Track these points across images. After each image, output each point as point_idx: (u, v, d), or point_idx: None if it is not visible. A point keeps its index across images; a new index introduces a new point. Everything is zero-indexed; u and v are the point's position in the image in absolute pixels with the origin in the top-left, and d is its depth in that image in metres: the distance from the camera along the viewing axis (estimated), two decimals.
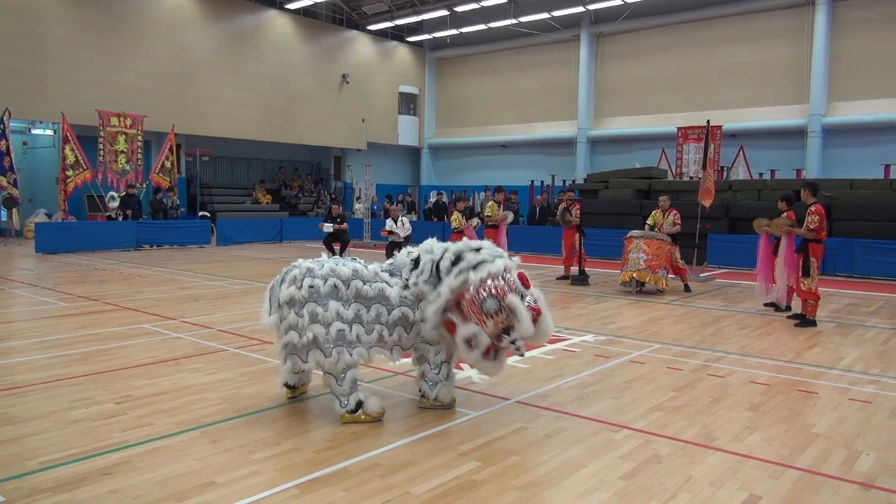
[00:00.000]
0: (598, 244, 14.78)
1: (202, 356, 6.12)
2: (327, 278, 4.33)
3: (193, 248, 17.90)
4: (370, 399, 4.39)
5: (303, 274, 4.35)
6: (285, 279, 4.41)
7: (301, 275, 4.35)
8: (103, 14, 20.25)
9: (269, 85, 24.53)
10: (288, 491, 3.37)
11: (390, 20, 27.26)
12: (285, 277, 4.42)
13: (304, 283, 4.30)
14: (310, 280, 4.31)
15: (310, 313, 4.25)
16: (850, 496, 3.43)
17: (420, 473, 3.60)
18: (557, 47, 26.58)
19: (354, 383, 4.36)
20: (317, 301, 4.27)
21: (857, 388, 5.42)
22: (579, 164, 25.50)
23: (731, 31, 22.53)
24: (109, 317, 7.96)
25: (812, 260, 7.92)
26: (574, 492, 3.42)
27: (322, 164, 29.97)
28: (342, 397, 4.32)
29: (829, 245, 12.65)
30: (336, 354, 4.25)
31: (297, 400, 4.85)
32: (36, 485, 3.40)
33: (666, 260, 10.40)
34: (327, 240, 15.51)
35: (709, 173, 12.49)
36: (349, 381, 4.32)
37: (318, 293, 4.28)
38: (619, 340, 7.06)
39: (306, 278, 4.32)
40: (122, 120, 18.31)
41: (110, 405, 4.67)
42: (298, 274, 4.37)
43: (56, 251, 15.54)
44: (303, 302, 4.26)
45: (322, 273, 4.35)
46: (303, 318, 4.25)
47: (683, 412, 4.71)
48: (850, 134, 20.61)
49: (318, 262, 4.49)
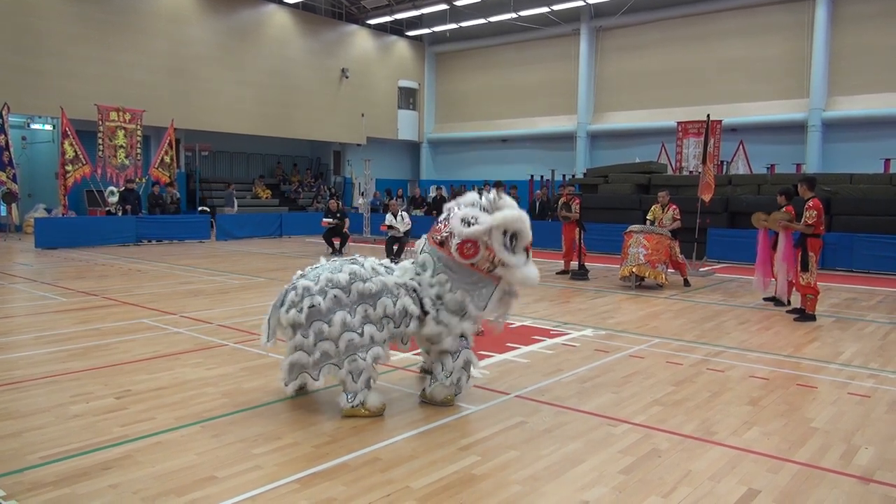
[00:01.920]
0: (598, 239, 14.77)
1: (202, 351, 6.12)
2: (326, 292, 4.28)
3: (193, 242, 17.90)
4: (371, 394, 4.38)
5: (300, 295, 4.31)
6: (284, 301, 4.39)
7: (299, 296, 4.31)
8: (102, 9, 20.20)
9: (269, 79, 24.48)
10: (288, 485, 3.38)
11: (389, 14, 27.19)
12: (284, 300, 4.40)
13: (303, 305, 4.26)
14: (309, 300, 4.26)
15: (315, 333, 4.25)
16: (848, 490, 3.44)
17: (420, 468, 3.61)
18: (557, 42, 26.52)
19: (368, 381, 4.36)
20: (320, 319, 4.25)
21: (856, 382, 5.43)
22: (579, 158, 25.47)
23: (732, 26, 22.48)
24: (109, 312, 7.96)
25: (810, 254, 7.93)
26: (574, 486, 3.42)
27: (321, 159, 29.93)
28: (351, 393, 4.33)
29: (828, 239, 12.68)
30: (348, 364, 4.26)
31: (297, 395, 4.85)
32: (36, 479, 3.40)
33: (665, 254, 10.41)
34: (327, 235, 15.52)
35: (708, 168, 12.48)
36: (364, 380, 4.32)
37: (320, 311, 4.25)
38: (618, 335, 7.07)
39: (305, 299, 4.27)
40: (121, 115, 18.27)
41: (110, 400, 4.67)
42: (295, 297, 4.33)
43: (55, 246, 15.53)
44: (307, 324, 4.26)
45: (319, 288, 4.29)
46: (308, 339, 4.26)
47: (683, 407, 4.72)
48: (850, 128, 20.59)
49: (314, 275, 4.42)
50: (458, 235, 4.38)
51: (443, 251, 4.50)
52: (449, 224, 4.48)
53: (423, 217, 19.93)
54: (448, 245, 4.46)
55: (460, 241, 4.38)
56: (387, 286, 4.42)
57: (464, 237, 4.37)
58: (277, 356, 5.91)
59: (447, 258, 4.49)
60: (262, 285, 10.27)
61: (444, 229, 4.52)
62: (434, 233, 4.63)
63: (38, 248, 15.34)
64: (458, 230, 4.38)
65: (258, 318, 7.60)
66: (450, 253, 4.45)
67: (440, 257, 4.53)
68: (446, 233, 4.49)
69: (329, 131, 26.94)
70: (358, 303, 4.31)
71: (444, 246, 4.49)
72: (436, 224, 4.68)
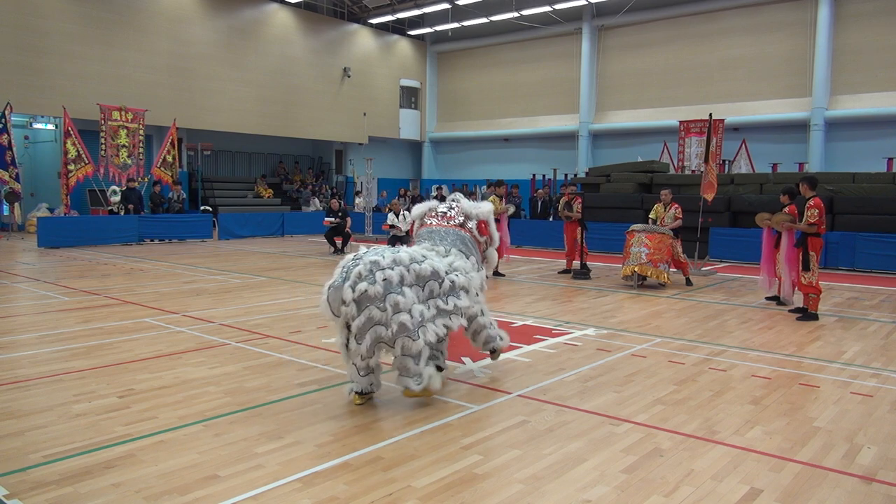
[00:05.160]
0: (600, 238, 14.77)
1: (204, 350, 6.13)
2: (393, 267, 4.45)
3: (195, 242, 17.92)
4: (435, 376, 4.58)
5: (369, 268, 4.38)
6: (348, 277, 4.39)
7: (368, 270, 4.37)
8: (104, 8, 20.22)
9: (270, 79, 24.50)
10: (290, 484, 3.38)
11: (391, 13, 27.19)
12: (348, 275, 4.40)
13: (376, 277, 4.35)
14: (381, 273, 4.37)
15: (392, 304, 4.33)
16: (851, 489, 3.43)
17: (422, 467, 3.61)
18: (559, 41, 26.50)
19: (427, 360, 4.54)
20: (394, 291, 4.37)
21: (858, 381, 5.43)
22: (581, 157, 25.45)
23: (734, 24, 22.45)
24: (112, 311, 7.97)
25: (811, 254, 7.91)
26: (576, 485, 3.42)
27: (323, 158, 29.95)
28: (417, 376, 4.45)
29: (831, 238, 12.68)
30: (422, 335, 4.41)
31: (299, 394, 4.85)
32: (39, 478, 3.41)
33: (668, 254, 10.39)
34: (329, 234, 15.53)
35: (711, 167, 12.46)
36: (425, 357, 4.49)
37: (392, 283, 4.38)
38: (620, 334, 7.06)
39: (377, 272, 4.37)
40: (123, 114, 18.29)
41: (113, 399, 4.68)
42: (364, 269, 4.37)
43: (58, 245, 15.55)
44: (381, 296, 4.32)
45: (387, 263, 4.45)
46: (386, 312, 4.32)
47: (685, 406, 4.71)
48: (852, 127, 20.55)
49: (376, 253, 4.57)
50: (477, 216, 5.31)
51: (465, 231, 5.25)
52: (461, 209, 5.32)
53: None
54: (467, 226, 5.26)
55: (478, 221, 5.31)
56: (436, 269, 4.66)
57: (482, 217, 5.34)
58: (278, 355, 5.93)
59: (469, 238, 5.24)
60: (264, 284, 10.28)
61: (455, 216, 5.28)
62: (445, 220, 5.28)
63: (41, 247, 15.37)
64: (474, 212, 5.31)
65: (261, 317, 7.63)
66: (470, 231, 5.25)
67: (461, 238, 5.20)
68: (461, 217, 5.28)
69: (331, 130, 26.95)
70: (415, 283, 4.53)
71: (465, 227, 5.26)
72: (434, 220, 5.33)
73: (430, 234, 5.23)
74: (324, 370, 5.49)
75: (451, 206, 5.38)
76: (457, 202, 5.41)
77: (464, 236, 5.22)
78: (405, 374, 4.47)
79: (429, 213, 5.44)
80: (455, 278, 4.77)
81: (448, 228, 5.24)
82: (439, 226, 5.29)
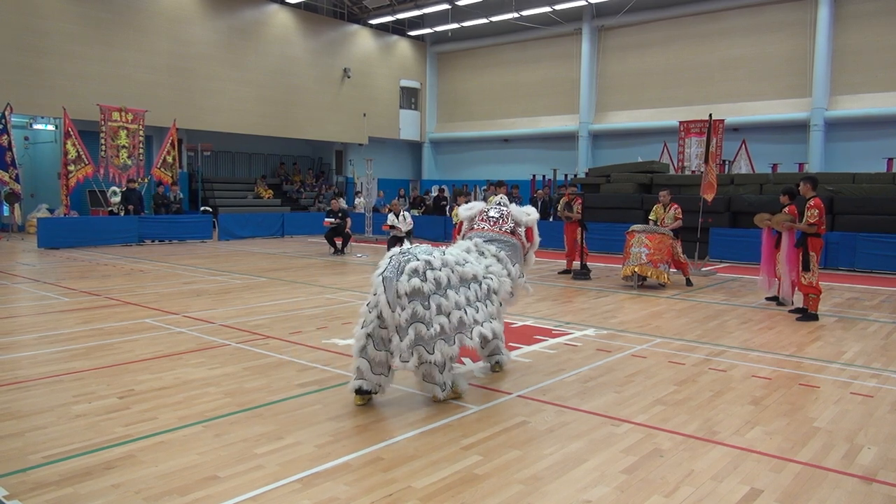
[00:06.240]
0: (600, 238, 14.77)
1: (204, 351, 6.13)
2: (443, 268, 4.52)
3: (195, 242, 17.92)
4: (460, 379, 4.66)
5: (423, 267, 4.44)
6: (403, 270, 4.41)
7: (422, 268, 4.43)
8: (104, 8, 20.23)
9: (270, 79, 24.50)
10: (290, 485, 3.38)
11: (391, 14, 27.19)
12: (403, 269, 4.42)
13: (428, 276, 4.40)
14: (432, 273, 4.43)
15: (436, 305, 4.40)
16: (851, 490, 3.43)
17: (422, 467, 3.61)
18: (559, 41, 26.50)
19: (451, 367, 4.61)
20: (440, 293, 4.43)
21: (858, 382, 5.43)
22: (581, 158, 25.45)
23: (734, 24, 22.45)
24: (112, 312, 7.97)
25: (811, 254, 7.91)
26: (576, 485, 3.42)
27: (323, 159, 29.95)
28: (442, 385, 4.53)
29: (831, 239, 12.68)
30: (458, 341, 4.48)
31: (299, 395, 4.85)
32: (39, 479, 3.41)
33: (668, 254, 10.40)
34: (329, 234, 15.53)
35: (711, 167, 12.47)
36: (449, 367, 4.55)
37: (440, 285, 4.44)
38: (620, 335, 7.06)
39: (429, 271, 4.43)
40: (123, 115, 18.29)
41: (113, 400, 4.68)
42: (419, 266, 4.43)
43: (58, 246, 15.55)
44: (428, 294, 4.38)
45: (438, 264, 4.52)
46: (430, 311, 4.37)
47: (685, 406, 4.71)
48: (852, 127, 20.55)
49: (429, 251, 4.61)
50: (526, 224, 5.52)
51: (515, 238, 5.45)
52: (512, 217, 5.51)
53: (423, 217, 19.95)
54: (517, 232, 5.46)
55: (528, 228, 5.52)
56: (474, 274, 4.79)
57: (530, 224, 5.54)
58: (278, 356, 5.93)
59: (518, 245, 5.45)
60: (264, 285, 10.28)
61: (504, 223, 5.47)
62: (496, 225, 5.47)
63: (41, 247, 15.37)
64: (525, 220, 5.52)
65: (261, 318, 7.63)
66: (520, 239, 5.47)
67: (513, 246, 5.40)
68: (511, 224, 5.47)
69: (331, 131, 26.95)
70: (459, 285, 4.59)
71: (515, 233, 5.45)
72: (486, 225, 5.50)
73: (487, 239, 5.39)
74: (324, 371, 5.49)
75: (501, 211, 5.52)
76: (506, 207, 5.56)
77: (515, 244, 5.43)
78: (430, 381, 4.52)
79: (479, 217, 5.56)
80: (490, 282, 4.89)
81: (500, 235, 5.42)
82: (490, 230, 5.46)
